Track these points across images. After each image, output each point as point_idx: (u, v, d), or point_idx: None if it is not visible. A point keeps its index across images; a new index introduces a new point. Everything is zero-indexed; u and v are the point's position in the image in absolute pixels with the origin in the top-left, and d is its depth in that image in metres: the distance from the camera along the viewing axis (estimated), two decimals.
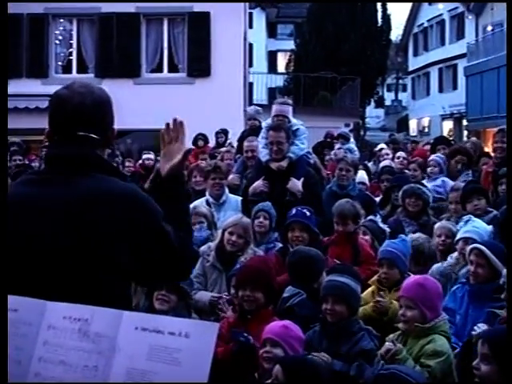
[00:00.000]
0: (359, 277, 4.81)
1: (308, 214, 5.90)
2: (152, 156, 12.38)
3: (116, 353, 1.89)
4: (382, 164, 10.82)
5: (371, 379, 3.83)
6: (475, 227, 5.70)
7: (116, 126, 2.78)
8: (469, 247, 5.12)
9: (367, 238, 6.45)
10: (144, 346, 1.85)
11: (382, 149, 13.97)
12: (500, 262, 4.86)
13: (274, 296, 4.86)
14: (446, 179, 8.53)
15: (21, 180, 2.63)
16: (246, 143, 8.62)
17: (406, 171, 9.78)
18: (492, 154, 9.01)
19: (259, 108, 11.95)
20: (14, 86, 19.60)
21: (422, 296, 4.28)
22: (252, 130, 10.36)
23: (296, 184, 6.85)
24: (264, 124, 7.97)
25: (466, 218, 5.98)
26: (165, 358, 1.82)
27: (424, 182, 8.69)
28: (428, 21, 48.88)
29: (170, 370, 1.80)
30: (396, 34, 53.84)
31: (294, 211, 5.97)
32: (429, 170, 8.80)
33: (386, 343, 4.17)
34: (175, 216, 2.62)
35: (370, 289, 5.38)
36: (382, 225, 6.76)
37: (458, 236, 5.72)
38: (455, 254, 5.68)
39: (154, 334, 1.85)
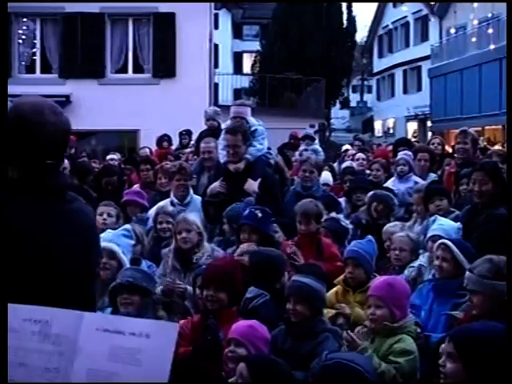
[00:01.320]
0: (325, 277, 4.85)
1: (260, 215, 5.88)
2: (116, 156, 12.30)
3: (77, 354, 1.89)
4: (344, 165, 10.87)
5: (317, 371, 3.82)
6: (441, 225, 5.77)
7: (81, 127, 2.83)
8: (436, 242, 5.20)
9: (328, 240, 6.43)
10: (105, 347, 1.85)
11: (347, 150, 14.05)
12: (465, 258, 4.94)
13: (239, 297, 4.87)
14: (417, 179, 8.50)
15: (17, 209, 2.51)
16: (202, 144, 8.60)
17: (368, 171, 9.83)
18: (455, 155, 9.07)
19: (218, 109, 11.96)
20: None
21: (391, 295, 4.33)
22: (210, 131, 10.36)
23: (252, 185, 6.93)
24: (223, 126, 8.01)
25: (432, 218, 6.04)
26: (126, 358, 1.82)
27: (393, 181, 8.71)
28: (393, 23, 49.29)
29: (131, 371, 1.80)
30: (361, 35, 54.21)
31: (246, 212, 5.99)
32: (398, 168, 8.75)
33: (354, 331, 4.23)
34: None
35: (334, 289, 5.42)
36: (344, 222, 6.77)
37: (427, 236, 5.77)
38: (427, 253, 5.74)
39: (114, 334, 1.85)
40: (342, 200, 8.39)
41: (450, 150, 11.64)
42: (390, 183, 8.71)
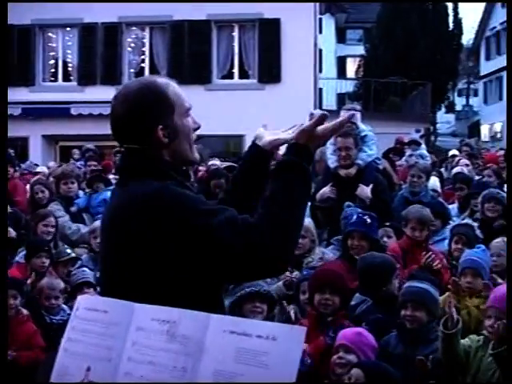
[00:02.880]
0: (437, 283, 4.79)
1: (369, 220, 5.85)
2: (218, 162, 12.51)
3: (204, 355, 1.92)
4: (455, 170, 10.67)
5: None
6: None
7: None
8: None
9: (460, 246, 6.21)
10: (231, 349, 1.88)
11: (454, 155, 13.81)
12: None
13: (348, 300, 4.85)
14: None
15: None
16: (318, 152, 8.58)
17: (477, 178, 9.61)
18: None
19: (325, 112, 11.98)
20: (90, 93, 20.18)
21: None
22: None
23: (365, 190, 6.88)
24: None
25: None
26: (252, 360, 1.84)
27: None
28: (501, 24, 47.90)
29: (256, 373, 1.82)
30: (467, 37, 52.99)
31: (354, 218, 5.94)
32: None
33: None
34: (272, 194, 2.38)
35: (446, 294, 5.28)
36: (477, 231, 6.62)
37: None
38: None
39: (241, 336, 1.88)
40: (453, 206, 8.24)
41: None
42: None
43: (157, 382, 1.96)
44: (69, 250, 6.60)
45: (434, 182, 9.54)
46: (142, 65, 22.08)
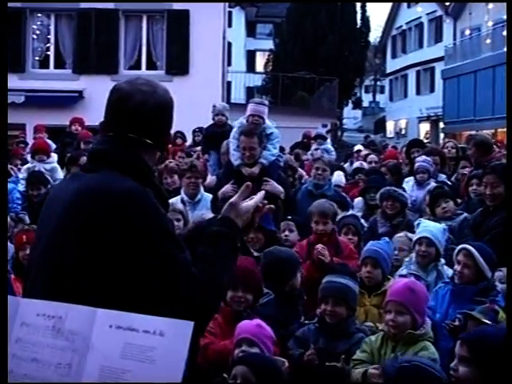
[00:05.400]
0: (356, 276, 4.84)
1: None
2: None
3: (90, 351, 1.88)
4: (355, 165, 10.81)
5: (393, 372, 3.58)
6: (425, 226, 5.71)
7: (94, 123, 2.73)
8: (458, 247, 5.13)
9: (350, 236, 6.42)
10: (118, 344, 1.85)
11: (359, 150, 14.03)
12: (486, 265, 4.90)
13: (260, 296, 4.82)
14: (433, 185, 8.31)
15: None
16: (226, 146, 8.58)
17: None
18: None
19: (226, 104, 12.03)
20: None
21: (412, 301, 4.18)
22: (218, 126, 10.39)
23: (276, 186, 6.83)
24: (237, 123, 7.88)
25: (417, 222, 5.98)
26: (139, 356, 1.81)
27: (412, 187, 8.57)
28: (406, 23, 49.13)
29: (144, 368, 1.79)
30: (375, 35, 54.06)
31: None
32: (418, 176, 8.56)
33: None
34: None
35: None
36: (362, 220, 6.76)
37: (414, 239, 5.74)
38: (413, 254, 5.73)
39: (128, 331, 1.85)
40: (358, 200, 8.37)
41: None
42: (409, 189, 8.55)
43: (40, 382, 1.89)
44: None
45: (340, 177, 9.66)
46: (48, 53, 21.49)
